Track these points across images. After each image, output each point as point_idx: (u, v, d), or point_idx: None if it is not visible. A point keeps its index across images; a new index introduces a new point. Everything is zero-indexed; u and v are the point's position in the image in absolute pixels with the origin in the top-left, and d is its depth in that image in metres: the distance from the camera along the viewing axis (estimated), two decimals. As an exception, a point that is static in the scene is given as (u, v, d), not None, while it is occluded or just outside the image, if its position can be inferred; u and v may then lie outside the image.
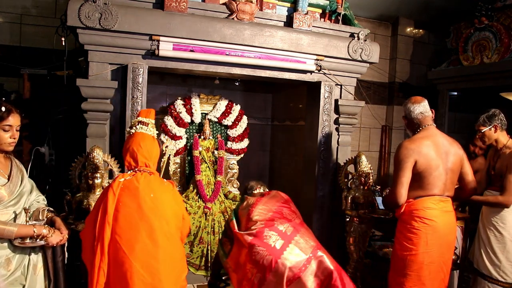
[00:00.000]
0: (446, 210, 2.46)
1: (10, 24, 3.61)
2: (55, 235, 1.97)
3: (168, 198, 1.96)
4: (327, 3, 3.43)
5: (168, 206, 1.93)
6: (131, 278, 1.76)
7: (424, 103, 2.55)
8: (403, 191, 2.38)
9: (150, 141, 2.05)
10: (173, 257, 1.93)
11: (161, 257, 1.85)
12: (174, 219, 1.96)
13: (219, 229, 3.63)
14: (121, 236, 1.80)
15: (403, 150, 2.41)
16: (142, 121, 2.09)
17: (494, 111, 2.81)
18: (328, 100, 3.44)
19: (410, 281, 2.41)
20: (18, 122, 1.95)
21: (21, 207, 1.96)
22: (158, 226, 1.85)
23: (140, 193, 1.86)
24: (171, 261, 1.90)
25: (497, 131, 2.79)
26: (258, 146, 4.63)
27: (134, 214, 1.83)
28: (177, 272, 1.96)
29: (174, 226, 1.96)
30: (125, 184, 1.89)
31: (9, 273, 1.87)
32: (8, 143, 1.92)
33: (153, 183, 1.94)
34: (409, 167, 2.38)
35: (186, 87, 4.12)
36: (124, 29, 2.75)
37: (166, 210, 1.91)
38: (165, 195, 1.95)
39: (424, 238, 2.38)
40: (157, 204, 1.88)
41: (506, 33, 3.98)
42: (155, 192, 1.90)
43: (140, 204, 1.84)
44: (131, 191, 1.87)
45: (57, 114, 3.33)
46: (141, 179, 1.91)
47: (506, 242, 2.73)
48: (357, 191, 3.40)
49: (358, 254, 3.35)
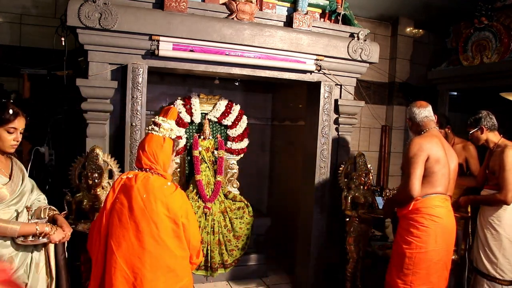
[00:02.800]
0: (449, 209, 2.53)
1: (10, 24, 3.61)
2: (57, 233, 1.98)
3: (162, 202, 1.85)
4: (327, 3, 3.43)
5: (160, 209, 1.84)
6: (114, 274, 1.80)
7: (429, 108, 2.63)
8: (417, 184, 2.39)
9: (156, 144, 1.94)
10: (163, 264, 1.84)
11: (147, 260, 1.81)
12: (165, 223, 1.85)
13: (219, 229, 3.63)
14: (112, 231, 1.85)
15: (416, 145, 2.45)
16: (155, 121, 2.00)
17: (481, 113, 2.93)
18: (328, 100, 3.44)
19: (419, 279, 2.43)
20: (23, 125, 1.96)
21: (23, 206, 1.97)
22: (145, 228, 1.82)
23: (134, 192, 1.85)
24: (160, 267, 1.83)
25: (484, 132, 2.90)
26: (258, 146, 4.63)
27: (126, 212, 1.84)
28: (166, 280, 1.85)
29: (164, 230, 1.84)
30: (125, 181, 1.91)
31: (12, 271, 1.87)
32: (11, 145, 1.93)
33: (151, 184, 1.88)
34: (422, 161, 2.41)
35: (186, 87, 4.12)
36: (124, 29, 2.75)
37: (157, 213, 1.83)
38: (159, 198, 1.86)
39: (433, 236, 2.42)
40: (147, 205, 1.83)
41: (506, 33, 3.98)
42: (149, 193, 1.85)
43: (131, 203, 1.84)
44: (127, 189, 1.87)
45: (57, 114, 3.33)
46: (139, 178, 1.90)
47: (502, 240, 2.79)
48: (357, 191, 3.40)
49: (358, 254, 3.35)
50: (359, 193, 3.38)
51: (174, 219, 1.87)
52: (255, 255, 3.90)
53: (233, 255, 3.69)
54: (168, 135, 1.99)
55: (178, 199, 1.91)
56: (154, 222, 1.83)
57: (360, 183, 3.40)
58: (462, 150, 3.39)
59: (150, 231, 1.82)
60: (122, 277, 1.79)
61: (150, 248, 1.82)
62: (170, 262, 1.87)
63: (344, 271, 3.42)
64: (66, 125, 3.37)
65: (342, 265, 3.48)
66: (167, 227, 1.85)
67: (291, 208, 4.12)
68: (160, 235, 1.83)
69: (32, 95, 3.33)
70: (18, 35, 3.63)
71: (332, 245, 3.60)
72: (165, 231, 1.85)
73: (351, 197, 3.39)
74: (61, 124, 3.36)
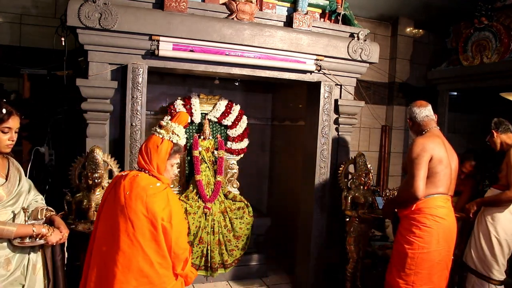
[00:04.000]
0: (450, 209, 2.55)
1: (10, 24, 3.61)
2: (54, 234, 1.97)
3: (142, 200, 1.78)
4: (327, 3, 3.43)
5: (138, 208, 1.77)
6: (92, 269, 1.83)
7: (429, 107, 2.64)
8: (422, 185, 2.39)
9: (153, 144, 1.92)
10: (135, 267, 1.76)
11: (119, 259, 1.76)
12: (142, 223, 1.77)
13: (219, 229, 3.63)
14: (98, 227, 1.89)
15: (420, 146, 2.44)
16: (160, 123, 1.99)
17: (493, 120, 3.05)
18: (328, 100, 3.44)
19: (421, 279, 2.43)
20: (17, 124, 1.94)
21: (20, 207, 1.95)
22: (122, 225, 1.78)
23: (120, 188, 1.84)
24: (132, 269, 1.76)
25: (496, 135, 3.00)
26: (258, 146, 4.63)
27: (110, 208, 1.85)
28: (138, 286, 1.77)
29: (140, 231, 1.77)
30: (118, 178, 1.93)
31: (9, 273, 1.86)
32: (6, 145, 1.92)
33: (136, 182, 1.84)
34: (426, 162, 2.41)
35: (186, 87, 4.12)
36: (123, 29, 2.75)
37: (135, 211, 1.77)
38: (141, 196, 1.79)
39: (435, 236, 2.43)
40: (127, 202, 1.79)
41: (506, 33, 3.98)
42: (132, 190, 1.81)
43: (115, 199, 1.83)
44: (116, 186, 1.88)
45: (57, 114, 3.33)
46: (129, 176, 1.88)
47: (492, 239, 2.86)
48: (357, 191, 3.40)
49: (358, 254, 3.35)
50: (359, 193, 3.38)
51: (152, 220, 1.78)
52: (255, 255, 3.90)
53: (233, 255, 3.69)
54: (169, 137, 1.93)
55: (161, 200, 1.81)
56: (131, 220, 1.77)
57: (360, 183, 3.40)
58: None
59: (126, 229, 1.77)
60: (98, 273, 1.81)
61: (124, 247, 1.76)
62: (144, 267, 1.78)
63: (344, 271, 3.42)
64: (66, 125, 3.37)
65: (342, 265, 3.48)
66: (143, 228, 1.77)
67: (291, 208, 4.12)
68: (135, 235, 1.77)
69: (32, 95, 3.33)
70: (18, 35, 3.63)
71: (332, 245, 3.60)
72: (140, 232, 1.77)
73: (351, 197, 3.39)
74: (61, 124, 3.36)
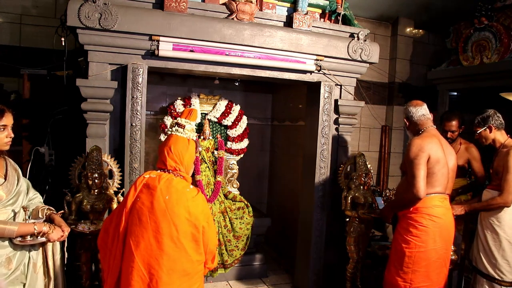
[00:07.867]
0: (448, 207, 2.55)
1: (10, 24, 3.61)
2: (55, 231, 1.98)
3: (184, 205, 1.85)
4: (327, 3, 3.43)
5: (181, 212, 1.83)
6: (132, 273, 1.79)
7: (424, 106, 2.65)
8: (423, 185, 2.39)
9: (182, 145, 1.95)
10: (179, 267, 1.83)
11: (164, 262, 1.79)
12: (185, 227, 1.84)
13: (219, 229, 3.63)
14: (131, 230, 1.83)
15: (417, 146, 2.45)
16: (179, 122, 2.00)
17: (489, 111, 2.89)
18: (328, 100, 3.44)
19: (419, 277, 2.46)
20: (11, 121, 1.97)
21: (19, 206, 1.97)
22: (165, 229, 1.81)
23: (156, 192, 1.84)
24: (176, 270, 1.82)
25: (492, 131, 2.87)
26: (258, 146, 4.63)
27: (146, 212, 1.83)
28: (181, 284, 1.84)
29: (184, 234, 1.84)
30: (148, 181, 1.90)
31: (10, 272, 1.88)
32: (5, 142, 1.94)
33: (174, 186, 1.87)
34: (425, 162, 2.42)
35: (186, 87, 4.12)
36: (124, 29, 2.75)
37: (178, 216, 1.82)
38: (182, 200, 1.85)
39: (432, 235, 2.45)
40: (169, 207, 1.82)
41: (506, 33, 3.98)
42: (172, 195, 1.84)
43: (153, 203, 1.83)
44: (149, 189, 1.86)
45: (57, 114, 3.33)
46: (163, 179, 1.88)
47: (502, 241, 2.79)
48: (357, 191, 3.40)
49: (358, 254, 3.36)
50: (359, 193, 3.38)
51: (195, 223, 1.85)
52: (255, 255, 3.90)
53: (233, 255, 3.69)
54: (192, 136, 2.00)
55: (200, 203, 1.90)
56: (175, 224, 1.81)
57: (360, 183, 3.40)
58: (465, 152, 3.34)
59: (170, 233, 1.81)
60: (139, 277, 1.78)
61: (168, 250, 1.80)
62: (187, 266, 1.85)
63: (344, 271, 3.42)
64: (66, 125, 3.37)
65: (342, 265, 3.48)
66: (186, 231, 1.84)
67: (291, 208, 4.12)
68: (179, 238, 1.82)
69: (32, 95, 3.32)
70: (18, 35, 3.63)
71: (332, 245, 3.60)
72: (184, 234, 1.84)
73: (351, 197, 3.39)
74: (61, 124, 3.36)
